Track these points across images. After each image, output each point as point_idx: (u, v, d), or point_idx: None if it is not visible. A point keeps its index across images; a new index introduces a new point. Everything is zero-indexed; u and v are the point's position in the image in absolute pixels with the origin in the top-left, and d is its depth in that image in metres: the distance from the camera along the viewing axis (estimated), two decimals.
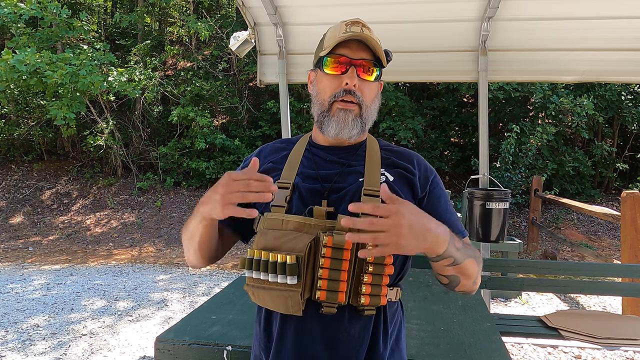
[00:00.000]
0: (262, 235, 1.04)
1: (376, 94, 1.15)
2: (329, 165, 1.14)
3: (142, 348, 3.62)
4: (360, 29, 1.09)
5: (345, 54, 1.09)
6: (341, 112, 1.10)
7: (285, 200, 1.08)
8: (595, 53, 3.24)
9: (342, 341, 1.02)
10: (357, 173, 1.11)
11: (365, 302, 1.00)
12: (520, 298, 4.79)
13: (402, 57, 3.56)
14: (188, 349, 1.59)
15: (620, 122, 8.96)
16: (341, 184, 1.10)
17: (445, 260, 0.97)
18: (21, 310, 4.42)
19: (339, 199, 1.07)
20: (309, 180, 1.11)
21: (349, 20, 1.12)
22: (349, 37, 1.07)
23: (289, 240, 1.00)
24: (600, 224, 8.05)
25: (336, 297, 0.98)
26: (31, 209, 8.90)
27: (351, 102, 1.09)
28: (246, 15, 3.28)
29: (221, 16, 11.20)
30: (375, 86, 1.14)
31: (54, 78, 7.46)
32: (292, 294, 0.97)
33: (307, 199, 1.08)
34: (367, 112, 1.12)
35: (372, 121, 1.15)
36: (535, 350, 3.52)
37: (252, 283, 1.03)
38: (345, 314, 1.02)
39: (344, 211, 1.04)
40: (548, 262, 3.08)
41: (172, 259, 6.71)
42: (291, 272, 0.96)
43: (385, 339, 1.08)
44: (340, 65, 1.09)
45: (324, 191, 1.08)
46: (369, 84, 1.11)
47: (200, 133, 9.13)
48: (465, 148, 9.40)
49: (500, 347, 1.60)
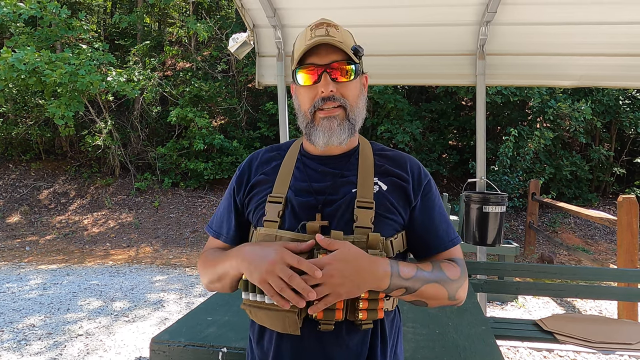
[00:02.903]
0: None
1: (359, 91, 1.11)
2: (321, 176, 1.11)
3: (138, 349, 3.61)
4: (325, 30, 1.06)
5: (314, 62, 1.06)
6: (325, 120, 1.07)
7: (278, 215, 1.06)
8: (593, 58, 3.26)
9: (340, 355, 1.01)
10: (350, 183, 1.09)
11: (363, 317, 0.99)
12: (517, 301, 4.80)
13: (401, 60, 3.58)
14: (183, 350, 1.59)
15: (617, 127, 9.00)
16: (334, 196, 1.07)
17: (396, 291, 0.98)
18: (17, 310, 4.41)
19: (333, 212, 1.05)
20: (301, 194, 1.08)
21: (313, 24, 1.09)
22: (313, 44, 1.04)
23: None
24: (597, 228, 8.07)
25: (333, 315, 0.97)
26: (28, 209, 8.88)
27: (334, 108, 1.06)
28: (245, 17, 3.28)
29: (220, 17, 11.21)
30: (355, 84, 1.10)
31: (52, 77, 7.46)
32: (289, 314, 0.95)
33: (300, 214, 1.05)
34: (354, 112, 1.09)
35: (361, 119, 1.12)
36: (531, 354, 3.52)
37: (248, 304, 1.00)
38: (342, 329, 1.01)
39: (337, 224, 1.03)
40: (544, 266, 3.09)
41: (169, 260, 6.70)
42: None
43: (384, 349, 1.07)
44: (311, 74, 1.06)
45: (318, 204, 1.06)
46: (347, 84, 1.08)
47: (199, 134, 9.13)
48: (463, 151, 9.42)
49: (494, 350, 1.60)
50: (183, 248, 7.43)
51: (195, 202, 9.12)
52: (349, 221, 1.03)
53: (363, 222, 1.02)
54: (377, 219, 1.04)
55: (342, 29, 1.10)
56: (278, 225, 1.05)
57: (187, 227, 8.24)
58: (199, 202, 9.12)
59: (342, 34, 1.08)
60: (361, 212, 1.03)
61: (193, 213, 8.70)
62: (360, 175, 1.09)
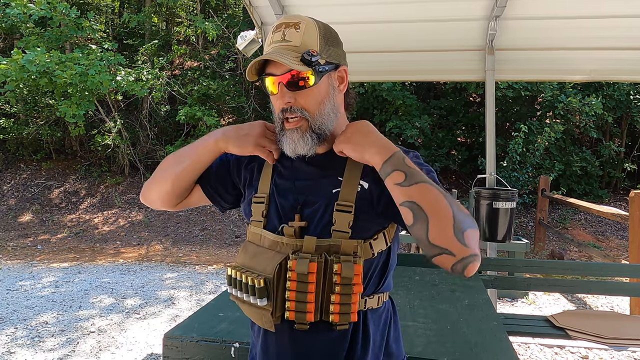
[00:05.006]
0: (244, 249, 1.10)
1: (324, 95, 1.03)
2: (305, 174, 1.08)
3: (150, 345, 3.64)
4: (282, 34, 1.01)
5: (271, 72, 1.02)
6: (288, 131, 1.03)
7: (262, 214, 1.08)
8: (604, 52, 3.23)
9: (318, 352, 1.03)
10: (333, 183, 1.05)
11: (335, 319, 0.98)
12: (527, 298, 4.78)
13: (409, 56, 3.57)
14: (196, 345, 1.60)
15: (628, 122, 8.90)
16: (314, 197, 1.05)
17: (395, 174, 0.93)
18: (30, 308, 4.47)
19: (312, 213, 1.04)
20: (283, 193, 1.08)
21: (274, 24, 1.05)
22: (261, 59, 1.00)
23: (263, 259, 1.03)
24: (608, 224, 8.00)
25: (304, 317, 0.98)
26: (40, 208, 8.98)
27: (295, 119, 1.02)
28: (253, 14, 3.29)
29: (228, 16, 11.24)
30: (316, 90, 1.02)
31: (63, 78, 7.52)
32: (264, 312, 1.00)
33: (280, 213, 1.07)
34: (316, 121, 1.02)
35: (331, 125, 1.05)
36: (542, 351, 3.51)
37: (232, 298, 1.08)
38: (319, 328, 1.02)
39: (316, 226, 1.02)
40: (555, 262, 3.07)
41: (179, 258, 6.74)
42: (260, 295, 0.99)
43: (365, 346, 1.05)
44: (273, 84, 1.03)
45: (297, 205, 1.05)
46: (305, 92, 1.01)
47: (207, 132, 9.15)
48: (473, 147, 9.37)
49: (506, 345, 1.60)
50: (193, 246, 7.48)
51: None
52: (327, 223, 1.02)
53: (341, 226, 1.00)
54: (356, 222, 1.01)
55: (307, 25, 1.02)
56: (263, 224, 1.08)
57: (196, 225, 8.28)
58: None
59: (303, 33, 1.01)
60: (340, 215, 1.01)
61: (202, 211, 8.75)
62: (347, 174, 1.05)
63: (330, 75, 1.05)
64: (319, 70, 1.00)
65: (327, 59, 1.03)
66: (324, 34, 1.04)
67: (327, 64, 1.02)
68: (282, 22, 1.03)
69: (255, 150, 1.08)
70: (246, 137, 1.09)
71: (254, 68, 1.03)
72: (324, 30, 1.04)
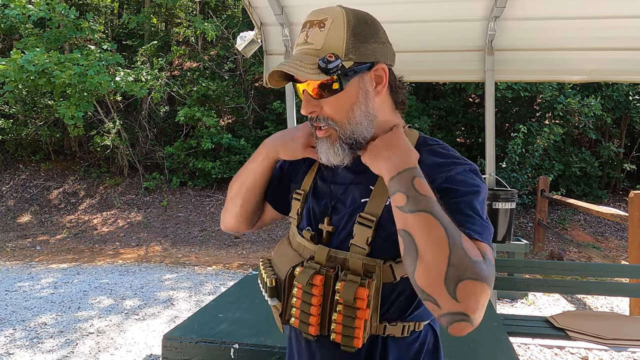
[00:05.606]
0: (279, 243, 1.10)
1: (351, 103, 0.92)
2: (342, 177, 1.02)
3: (149, 346, 3.64)
4: (305, 36, 0.93)
5: (298, 78, 0.93)
6: (319, 140, 0.97)
7: (297, 212, 1.07)
8: (603, 52, 3.23)
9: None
10: (365, 192, 0.96)
11: (337, 339, 0.90)
12: (527, 299, 4.77)
13: (408, 56, 3.56)
14: (195, 346, 1.60)
15: (627, 123, 8.91)
16: (343, 204, 0.99)
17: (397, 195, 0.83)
18: (29, 309, 4.46)
19: (338, 220, 0.98)
20: (319, 194, 1.05)
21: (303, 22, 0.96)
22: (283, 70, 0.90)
23: (285, 259, 1.02)
24: (607, 224, 8.01)
25: (307, 328, 0.93)
26: (38, 208, 8.97)
27: (322, 129, 0.95)
28: (253, 15, 3.29)
29: (227, 16, 11.24)
30: (342, 96, 0.91)
31: (62, 78, 7.51)
32: (275, 311, 1.01)
33: (311, 215, 1.04)
34: (347, 131, 0.93)
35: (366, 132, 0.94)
36: (542, 351, 3.50)
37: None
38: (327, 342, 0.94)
39: (340, 235, 0.97)
40: (555, 263, 3.07)
41: (179, 259, 6.74)
42: (270, 294, 0.99)
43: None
44: (299, 91, 0.96)
45: (328, 209, 1.00)
46: (331, 100, 0.92)
47: (207, 133, 9.17)
48: (472, 148, 9.38)
49: (506, 345, 1.60)
50: (192, 247, 7.47)
51: (204, 201, 9.15)
52: (348, 235, 0.95)
53: (359, 241, 0.92)
54: (376, 240, 0.91)
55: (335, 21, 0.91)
56: (297, 222, 1.07)
57: (195, 226, 8.28)
58: (207, 201, 9.15)
59: (327, 32, 0.90)
60: (360, 229, 0.92)
61: (201, 212, 8.74)
62: (379, 183, 0.94)
63: (363, 77, 0.92)
64: (345, 74, 0.89)
65: (357, 58, 0.90)
66: (354, 28, 0.91)
67: (357, 65, 0.90)
68: (308, 19, 0.94)
69: (304, 152, 1.05)
70: (292, 141, 1.06)
71: (276, 75, 0.96)
72: (354, 24, 0.91)
